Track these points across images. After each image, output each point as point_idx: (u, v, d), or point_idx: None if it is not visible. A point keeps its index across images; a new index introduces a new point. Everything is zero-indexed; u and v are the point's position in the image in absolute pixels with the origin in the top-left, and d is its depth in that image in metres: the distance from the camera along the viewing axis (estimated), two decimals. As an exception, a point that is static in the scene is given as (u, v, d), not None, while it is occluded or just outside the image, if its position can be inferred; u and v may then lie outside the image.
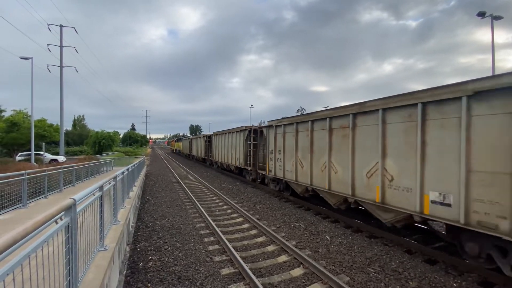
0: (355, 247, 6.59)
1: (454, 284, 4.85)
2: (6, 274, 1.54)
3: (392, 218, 6.49)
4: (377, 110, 6.65)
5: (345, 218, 8.62)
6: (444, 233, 6.35)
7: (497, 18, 18.40)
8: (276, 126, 12.21)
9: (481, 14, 18.37)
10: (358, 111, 7.30)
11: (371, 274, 5.22)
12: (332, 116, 8.38)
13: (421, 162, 5.57)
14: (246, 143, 16.13)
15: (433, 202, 5.35)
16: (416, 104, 5.69)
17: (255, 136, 15.51)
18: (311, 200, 10.83)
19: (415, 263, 5.68)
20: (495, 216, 4.38)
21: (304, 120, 9.96)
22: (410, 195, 5.83)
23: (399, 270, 5.35)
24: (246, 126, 16.49)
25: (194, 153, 38.32)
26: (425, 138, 5.55)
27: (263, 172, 13.81)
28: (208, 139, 28.05)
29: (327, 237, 7.31)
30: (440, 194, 5.22)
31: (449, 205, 5.06)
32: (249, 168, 15.87)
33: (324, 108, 10.46)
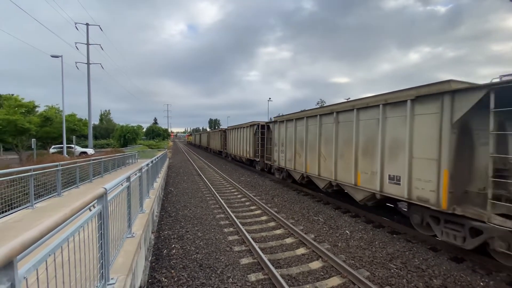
0: (376, 242, 6.47)
1: (481, 283, 4.65)
2: (48, 255, 1.70)
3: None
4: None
5: (365, 212, 8.45)
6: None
7: (541, -2, 16.72)
8: None
9: (522, -5, 16.76)
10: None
11: (392, 270, 5.12)
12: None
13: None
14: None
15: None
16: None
17: None
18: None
19: (440, 260, 5.49)
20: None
21: None
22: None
23: (423, 267, 5.21)
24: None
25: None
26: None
27: None
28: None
29: (347, 231, 7.23)
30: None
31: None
32: None
33: (346, 100, 9.54)
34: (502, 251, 4.83)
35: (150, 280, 4.78)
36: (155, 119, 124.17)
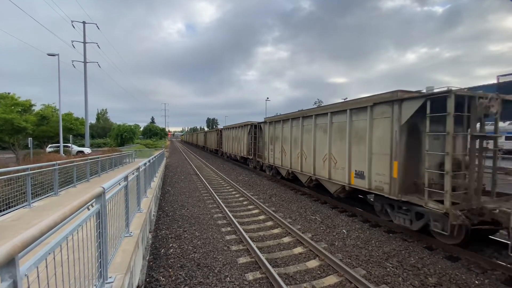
0: (373, 241, 6.53)
1: (476, 282, 4.71)
2: (48, 253, 1.72)
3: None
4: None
5: (362, 212, 8.52)
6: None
7: (536, 1, 16.89)
8: None
9: (517, -3, 16.92)
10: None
11: (388, 269, 5.18)
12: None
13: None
14: None
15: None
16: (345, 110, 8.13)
17: None
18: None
19: (435, 259, 5.56)
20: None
21: None
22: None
23: (418, 266, 5.27)
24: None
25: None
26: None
27: None
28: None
29: (344, 230, 7.29)
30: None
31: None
32: None
33: (343, 100, 9.95)
34: (438, 231, 5.89)
35: (148, 279, 4.80)
36: (153, 118, 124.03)
